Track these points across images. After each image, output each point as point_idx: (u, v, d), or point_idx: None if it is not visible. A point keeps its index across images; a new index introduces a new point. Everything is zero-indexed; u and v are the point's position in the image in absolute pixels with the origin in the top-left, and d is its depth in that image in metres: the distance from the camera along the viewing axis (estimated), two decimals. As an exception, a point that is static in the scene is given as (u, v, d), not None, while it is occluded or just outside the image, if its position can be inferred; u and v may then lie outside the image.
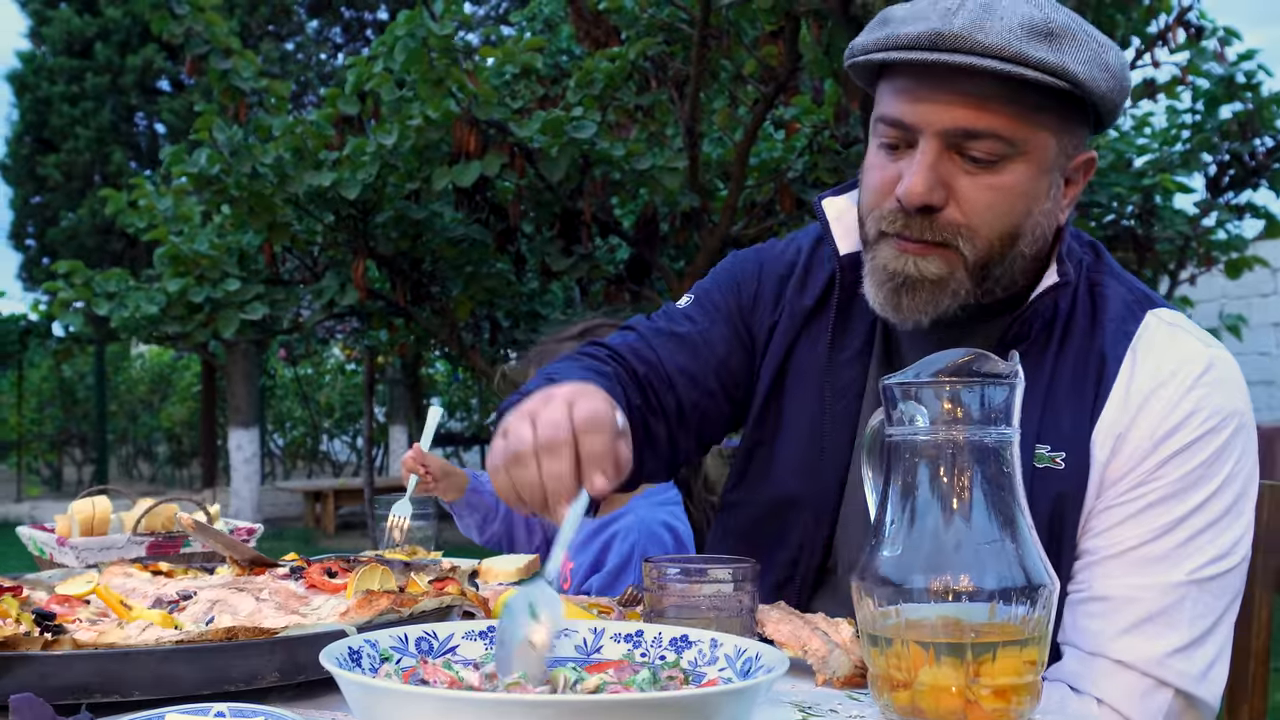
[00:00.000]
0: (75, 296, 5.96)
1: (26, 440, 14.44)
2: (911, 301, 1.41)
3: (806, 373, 1.61)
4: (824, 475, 1.57)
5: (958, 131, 1.35)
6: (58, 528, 1.98)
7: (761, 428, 1.63)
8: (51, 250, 17.81)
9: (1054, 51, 1.31)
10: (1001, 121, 1.34)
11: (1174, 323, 1.47)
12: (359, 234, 5.54)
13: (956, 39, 1.31)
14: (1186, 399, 1.39)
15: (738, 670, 1.03)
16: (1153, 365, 1.42)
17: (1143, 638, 1.35)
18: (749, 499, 1.65)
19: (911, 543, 1.12)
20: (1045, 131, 1.37)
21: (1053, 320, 1.47)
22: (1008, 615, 1.09)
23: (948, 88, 1.34)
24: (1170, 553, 1.36)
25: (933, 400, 1.14)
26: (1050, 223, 1.44)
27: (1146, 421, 1.39)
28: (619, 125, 5.61)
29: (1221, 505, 1.38)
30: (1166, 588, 1.35)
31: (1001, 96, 1.33)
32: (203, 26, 5.05)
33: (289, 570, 1.49)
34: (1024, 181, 1.38)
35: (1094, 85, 1.34)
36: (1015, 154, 1.36)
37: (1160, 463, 1.38)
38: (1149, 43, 5.34)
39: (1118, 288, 1.50)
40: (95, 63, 17.90)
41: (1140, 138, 7.28)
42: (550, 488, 1.17)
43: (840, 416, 1.57)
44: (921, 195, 1.35)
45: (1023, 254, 1.42)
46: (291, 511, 13.48)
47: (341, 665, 0.95)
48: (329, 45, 19.26)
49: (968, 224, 1.38)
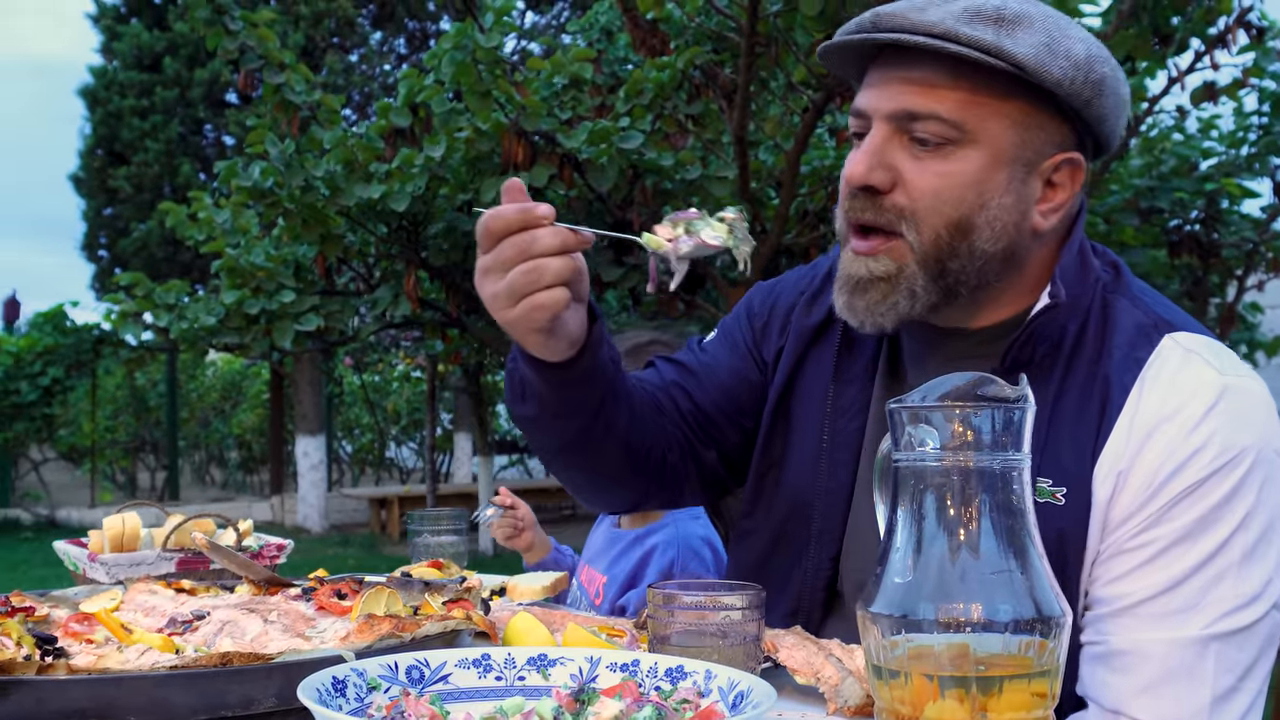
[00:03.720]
0: (137, 308, 6.06)
1: (100, 447, 14.72)
2: (864, 302, 1.39)
3: (811, 394, 1.59)
4: (828, 498, 1.54)
5: (902, 113, 1.34)
6: (90, 543, 2.00)
7: (769, 451, 1.61)
8: (123, 261, 18.18)
9: (997, 34, 1.29)
10: (946, 105, 1.32)
11: (1191, 348, 1.36)
12: (411, 246, 5.57)
13: (891, 18, 1.33)
14: (1195, 434, 1.29)
15: (728, 703, 1.00)
16: (1159, 397, 1.32)
17: (1164, 698, 1.26)
18: (760, 526, 1.62)
19: (918, 571, 1.09)
20: (1001, 120, 1.33)
21: (1059, 343, 1.40)
22: (1017, 646, 1.06)
23: (896, 74, 1.35)
24: (1187, 606, 1.26)
25: (942, 424, 1.10)
26: (1017, 221, 1.37)
27: (1150, 459, 1.30)
28: (672, 135, 5.60)
29: (1241, 549, 1.27)
30: (1186, 643, 1.26)
31: (947, 80, 1.32)
32: (256, 41, 5.11)
33: (301, 591, 1.49)
34: (974, 170, 1.34)
35: (1042, 70, 1.29)
36: (964, 140, 1.33)
37: (1167, 505, 1.29)
38: (1209, 45, 5.22)
39: (1131, 310, 1.41)
40: (164, 77, 18.26)
41: (1206, 140, 7.12)
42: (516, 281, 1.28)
43: (843, 438, 1.54)
44: (862, 175, 1.35)
45: (983, 251, 1.36)
46: (358, 518, 13.63)
47: (322, 696, 0.94)
48: (392, 56, 19.47)
49: (912, 209, 1.36)
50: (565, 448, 1.53)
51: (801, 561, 1.56)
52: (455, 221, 5.58)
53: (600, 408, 1.46)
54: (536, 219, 1.30)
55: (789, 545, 1.58)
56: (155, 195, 17.63)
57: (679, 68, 5.23)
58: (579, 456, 1.54)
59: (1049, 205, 1.39)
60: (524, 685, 1.09)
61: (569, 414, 1.46)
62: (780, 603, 1.56)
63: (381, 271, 5.99)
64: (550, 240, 1.30)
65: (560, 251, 1.30)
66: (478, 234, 1.36)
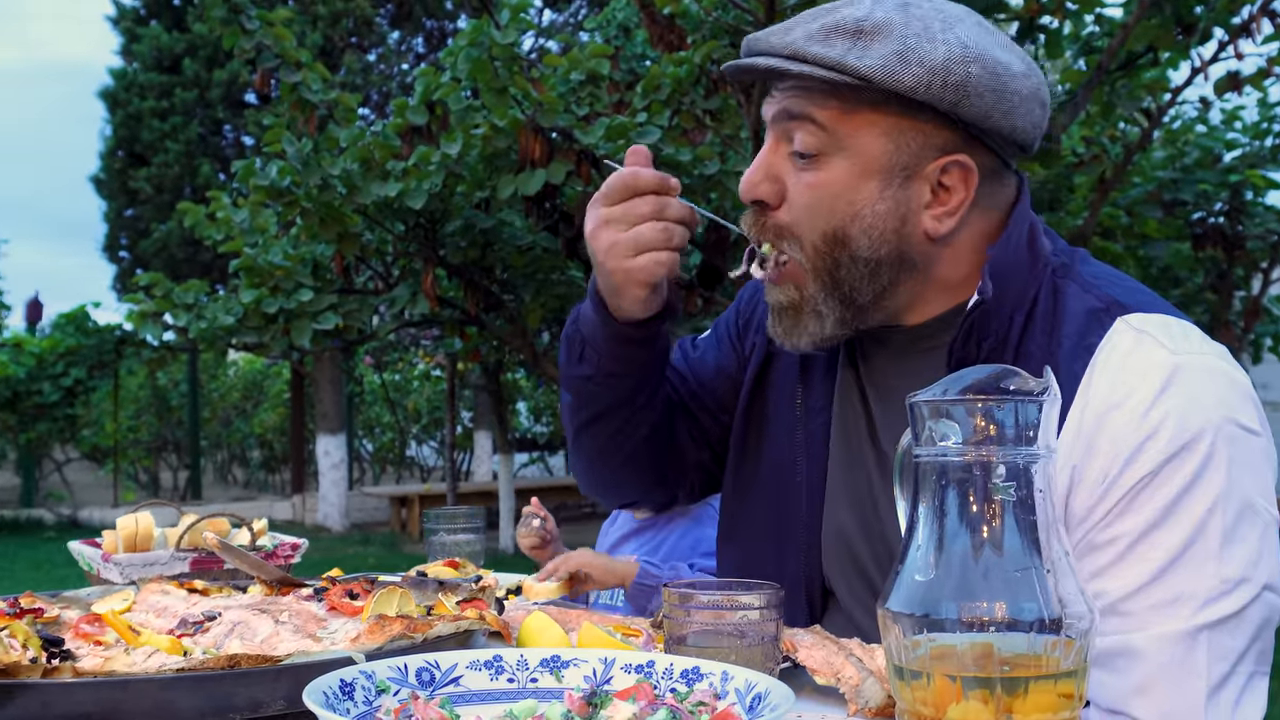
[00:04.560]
0: (156, 308, 6.07)
1: (123, 447, 14.80)
2: (782, 328, 1.46)
3: (782, 389, 1.60)
4: (801, 491, 1.54)
5: (783, 114, 1.39)
6: (104, 543, 1.99)
7: (743, 447, 1.62)
8: (144, 262, 18.27)
9: (849, 48, 1.32)
10: (821, 112, 1.36)
11: (1143, 329, 1.30)
12: (428, 244, 5.56)
13: (758, 41, 1.40)
14: (1146, 420, 1.23)
15: (745, 706, 0.98)
16: (1108, 383, 1.27)
17: (1160, 695, 1.21)
18: (741, 524, 1.62)
19: (940, 569, 1.06)
20: (871, 130, 1.35)
21: (1005, 337, 1.36)
22: (1043, 646, 1.03)
23: (782, 85, 1.40)
24: (1170, 599, 1.21)
25: (964, 418, 1.08)
26: (897, 227, 1.37)
27: (1103, 450, 1.24)
28: (690, 130, 5.57)
29: (1217, 532, 1.21)
30: (1176, 637, 1.21)
31: (821, 92, 1.36)
32: (272, 40, 5.11)
33: (313, 591, 1.47)
34: (843, 180, 1.36)
35: (891, 80, 1.30)
36: (835, 150, 1.36)
37: (1128, 496, 1.23)
38: (1233, 34, 5.16)
39: (1082, 295, 1.36)
40: (184, 78, 18.32)
41: (1230, 132, 7.05)
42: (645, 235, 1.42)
43: (813, 433, 1.55)
44: (750, 186, 1.41)
45: (866, 259, 1.37)
46: (379, 516, 13.65)
47: (329, 700, 0.92)
48: (410, 56, 19.49)
49: (791, 225, 1.40)
50: (607, 412, 1.60)
51: (785, 559, 1.55)
52: (473, 219, 5.57)
53: (649, 372, 1.57)
54: (670, 188, 1.44)
55: (770, 543, 1.57)
56: (175, 196, 17.70)
57: (696, 63, 5.21)
58: (614, 422, 1.61)
59: (943, 209, 1.37)
60: (536, 687, 1.07)
61: (624, 372, 1.55)
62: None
63: (399, 270, 5.98)
64: (680, 210, 1.44)
65: (684, 222, 1.44)
66: (609, 186, 1.45)
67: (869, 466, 1.49)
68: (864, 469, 1.50)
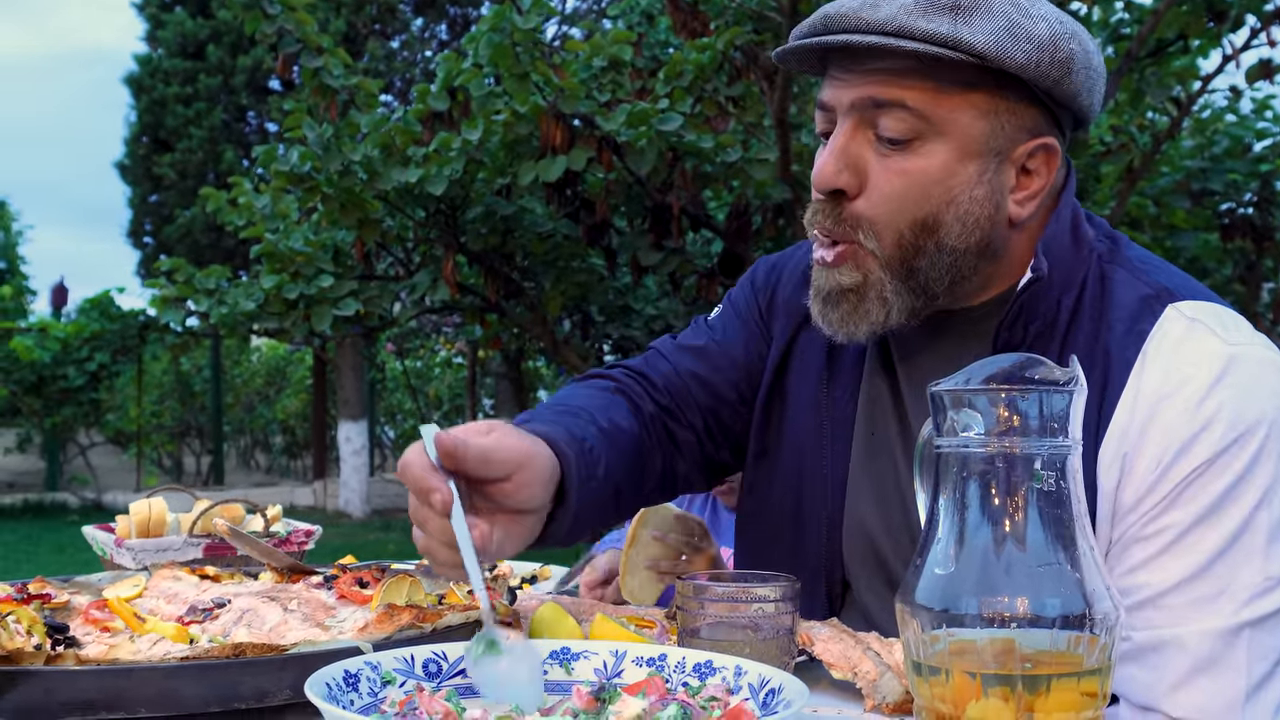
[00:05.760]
0: (178, 294, 6.08)
1: (146, 432, 14.88)
2: (837, 315, 1.36)
3: (806, 374, 1.54)
4: (824, 482, 1.50)
5: (867, 101, 1.29)
6: (118, 528, 1.98)
7: (765, 430, 1.57)
8: (168, 248, 18.34)
9: (952, 23, 1.24)
10: (912, 94, 1.27)
11: (1196, 317, 1.29)
12: (449, 230, 5.55)
13: (842, 19, 1.29)
14: (1201, 410, 1.22)
15: (759, 701, 0.95)
16: (1162, 372, 1.25)
17: (1197, 691, 1.19)
18: (761, 509, 1.58)
19: (961, 562, 1.03)
20: (969, 111, 1.28)
21: (1054, 321, 1.34)
22: (1066, 643, 1.00)
23: (860, 67, 1.30)
24: (1213, 593, 1.20)
25: (986, 408, 1.05)
26: (991, 214, 1.32)
27: (1155, 439, 1.23)
28: (713, 117, 5.53)
29: (1265, 527, 1.19)
30: (1217, 633, 1.19)
31: (913, 72, 1.27)
32: (294, 25, 5.09)
33: (323, 579, 1.45)
34: (940, 165, 1.29)
35: (1005, 56, 1.24)
36: (931, 133, 1.28)
37: (1178, 487, 1.21)
38: (1265, 21, 5.08)
39: (1131, 281, 1.34)
40: (208, 64, 18.37)
41: (1261, 121, 6.96)
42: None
43: (838, 420, 1.50)
44: (829, 177, 1.31)
45: (953, 248, 1.31)
46: (400, 503, 13.69)
47: (332, 692, 0.90)
48: (434, 43, 19.47)
49: (872, 216, 1.32)
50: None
51: (804, 548, 1.52)
52: (493, 206, 5.54)
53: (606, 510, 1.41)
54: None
55: (792, 532, 1.53)
56: (199, 182, 17.74)
57: (719, 49, 5.16)
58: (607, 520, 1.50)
59: (1025, 193, 1.34)
60: (546, 680, 1.05)
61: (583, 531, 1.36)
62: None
63: (420, 256, 5.97)
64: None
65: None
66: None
67: (895, 456, 1.45)
68: (890, 459, 1.46)
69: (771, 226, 5.84)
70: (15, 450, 15.06)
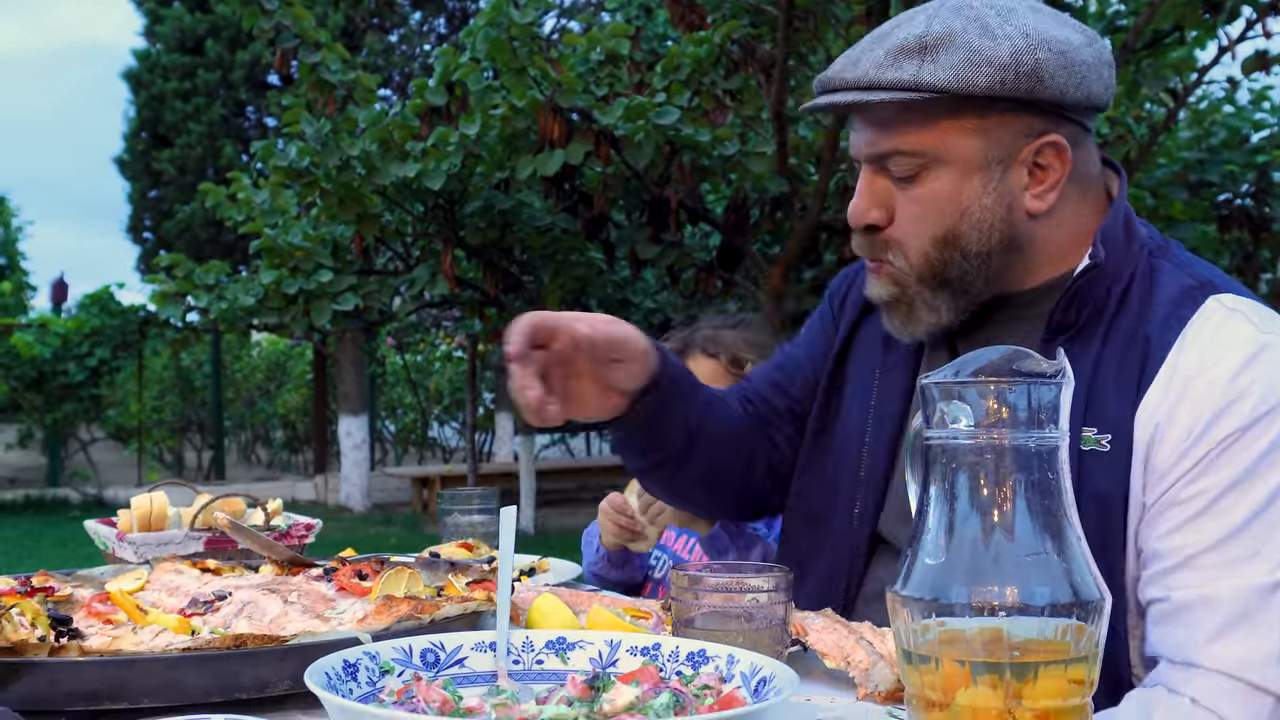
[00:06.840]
0: (178, 289, 6.09)
1: (147, 427, 14.89)
2: (896, 320, 1.51)
3: (863, 367, 1.66)
4: (869, 476, 1.58)
5: (874, 155, 1.45)
6: (119, 522, 1.99)
7: (822, 416, 1.69)
8: (167, 243, 18.33)
9: (918, 67, 1.37)
10: (903, 139, 1.41)
11: (1235, 308, 1.37)
12: (448, 224, 5.56)
13: (829, 80, 1.45)
14: (1233, 384, 1.30)
15: (750, 689, 0.97)
16: (1199, 352, 1.34)
17: (1232, 644, 1.24)
18: (806, 488, 1.67)
19: (951, 553, 1.05)
20: (960, 135, 1.40)
21: (1103, 307, 1.42)
22: (1054, 631, 1.01)
23: (861, 117, 1.47)
24: (1248, 554, 1.26)
25: (975, 401, 1.06)
26: (1004, 215, 1.42)
27: (1188, 409, 1.31)
28: (710, 111, 5.54)
29: None
30: (1250, 590, 1.25)
31: (898, 118, 1.41)
32: (291, 20, 5.10)
33: (323, 571, 1.47)
34: (948, 186, 1.41)
35: (969, 86, 1.35)
36: (932, 163, 1.41)
37: (1212, 454, 1.29)
38: (1261, 12, 5.09)
39: (1176, 273, 1.43)
40: (206, 59, 18.37)
41: (1258, 112, 6.96)
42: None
43: (886, 414, 1.59)
44: (859, 215, 1.47)
45: (976, 253, 1.43)
46: (401, 497, 13.70)
47: (331, 681, 0.92)
48: (432, 37, 19.45)
49: (898, 239, 1.46)
50: (653, 467, 1.71)
51: (844, 539, 1.59)
52: (491, 200, 5.56)
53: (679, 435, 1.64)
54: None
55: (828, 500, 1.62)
56: (198, 177, 17.75)
57: (716, 42, 5.17)
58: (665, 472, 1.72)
59: (1042, 187, 1.43)
60: (542, 669, 1.06)
61: (655, 447, 1.65)
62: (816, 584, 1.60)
63: (419, 251, 5.98)
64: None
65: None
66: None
67: None
68: None
69: (769, 219, 5.85)
70: (16, 446, 15.07)
